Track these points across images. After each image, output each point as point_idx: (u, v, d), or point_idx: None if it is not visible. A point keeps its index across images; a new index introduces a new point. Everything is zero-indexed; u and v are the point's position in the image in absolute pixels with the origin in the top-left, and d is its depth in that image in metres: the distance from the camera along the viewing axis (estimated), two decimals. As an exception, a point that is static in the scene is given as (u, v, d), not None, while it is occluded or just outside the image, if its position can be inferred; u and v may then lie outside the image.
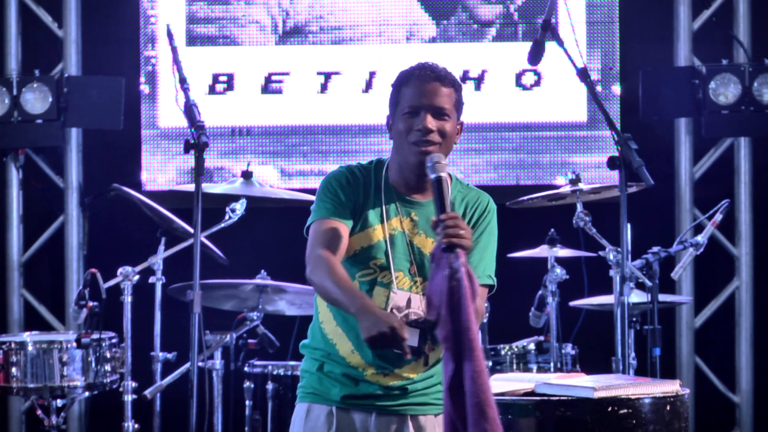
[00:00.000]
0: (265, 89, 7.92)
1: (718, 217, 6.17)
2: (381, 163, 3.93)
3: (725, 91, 7.76)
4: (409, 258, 3.84)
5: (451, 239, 3.54)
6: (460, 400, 3.50)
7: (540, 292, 6.65)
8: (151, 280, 6.32)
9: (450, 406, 3.53)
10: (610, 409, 4.14)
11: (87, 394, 6.25)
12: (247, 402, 6.63)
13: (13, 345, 6.11)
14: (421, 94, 3.82)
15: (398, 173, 3.88)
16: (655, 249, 5.86)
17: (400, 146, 3.85)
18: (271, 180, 7.80)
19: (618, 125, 5.51)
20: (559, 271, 6.56)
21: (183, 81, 4.38)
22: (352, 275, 3.82)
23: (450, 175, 3.90)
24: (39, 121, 7.66)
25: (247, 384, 6.63)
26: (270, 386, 6.57)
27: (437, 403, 3.82)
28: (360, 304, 3.62)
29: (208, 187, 6.46)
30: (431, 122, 3.80)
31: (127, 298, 6.23)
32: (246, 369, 6.67)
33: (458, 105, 3.87)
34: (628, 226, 4.84)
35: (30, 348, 6.08)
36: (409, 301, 3.81)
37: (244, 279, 6.61)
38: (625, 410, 4.15)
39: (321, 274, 3.71)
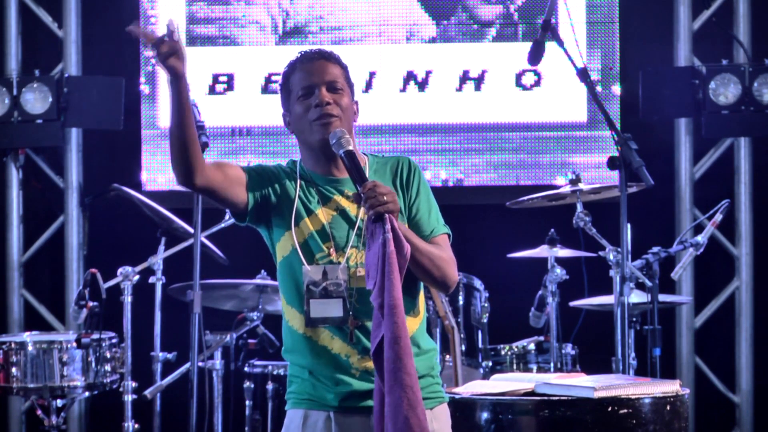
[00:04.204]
0: (265, 89, 7.92)
1: (718, 217, 6.17)
2: (294, 162, 3.88)
3: (725, 91, 7.76)
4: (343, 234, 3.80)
5: (377, 209, 3.57)
6: (382, 365, 3.54)
7: (540, 292, 6.65)
8: (151, 280, 6.32)
9: (377, 372, 3.56)
10: (610, 409, 4.15)
11: (87, 394, 6.26)
12: (247, 402, 6.63)
13: (13, 345, 6.11)
14: (311, 73, 3.80)
15: (313, 161, 3.82)
16: (655, 249, 5.86)
17: (302, 131, 3.81)
18: (271, 180, 7.79)
19: (618, 125, 5.53)
20: (559, 271, 6.56)
21: (183, 81, 4.37)
22: (298, 275, 3.78)
23: (364, 153, 3.88)
24: (39, 121, 7.66)
25: (247, 384, 6.63)
26: (270, 386, 6.58)
27: (432, 397, 3.79)
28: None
29: (208, 187, 6.45)
30: (327, 95, 3.78)
31: (127, 298, 6.23)
32: (246, 369, 6.67)
33: (349, 83, 3.85)
34: (628, 226, 4.84)
35: (30, 348, 6.08)
36: (324, 273, 3.78)
37: (244, 279, 6.61)
38: (625, 410, 4.16)
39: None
